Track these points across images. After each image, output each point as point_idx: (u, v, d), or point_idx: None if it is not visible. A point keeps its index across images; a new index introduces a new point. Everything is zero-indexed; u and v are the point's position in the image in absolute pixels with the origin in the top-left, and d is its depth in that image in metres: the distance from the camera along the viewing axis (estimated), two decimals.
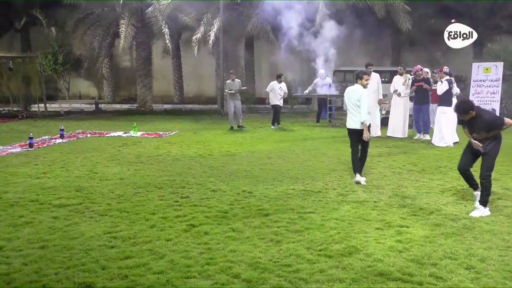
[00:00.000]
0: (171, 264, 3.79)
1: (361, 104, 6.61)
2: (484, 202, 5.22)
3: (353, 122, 6.77)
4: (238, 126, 13.30)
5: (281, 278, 3.55)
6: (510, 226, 4.76)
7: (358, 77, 6.80)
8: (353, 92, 6.80)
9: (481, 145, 5.30)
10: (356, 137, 6.78)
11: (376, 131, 11.75)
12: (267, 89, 14.05)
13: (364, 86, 6.78)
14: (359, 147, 6.83)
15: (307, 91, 15.14)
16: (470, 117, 5.21)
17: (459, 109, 5.28)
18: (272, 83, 13.87)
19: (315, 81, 15.15)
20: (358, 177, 6.65)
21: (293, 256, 3.96)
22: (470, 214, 5.14)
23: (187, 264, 3.79)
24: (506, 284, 3.48)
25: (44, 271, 3.65)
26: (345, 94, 7.02)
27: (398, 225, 4.76)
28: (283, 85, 13.98)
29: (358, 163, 6.78)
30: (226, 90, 13.77)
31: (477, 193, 5.41)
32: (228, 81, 13.61)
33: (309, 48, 15.64)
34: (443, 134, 10.07)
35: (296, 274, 3.61)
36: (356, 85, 6.86)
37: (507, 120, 5.18)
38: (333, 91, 15.42)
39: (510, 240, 4.35)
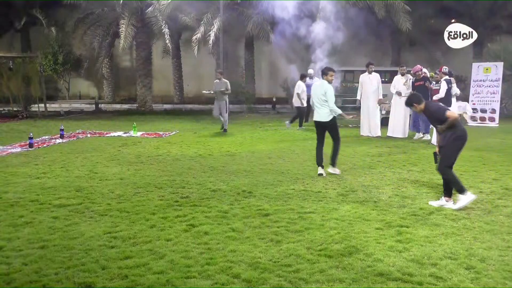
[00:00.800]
0: (171, 264, 3.79)
1: (328, 98, 7.04)
2: (459, 191, 5.41)
3: (318, 115, 7.22)
4: (222, 129, 12.60)
5: (281, 278, 3.55)
6: (510, 226, 4.76)
7: (324, 73, 7.23)
8: (319, 88, 7.20)
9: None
10: (322, 129, 7.30)
11: (376, 131, 11.75)
12: (298, 91, 13.36)
13: (329, 82, 7.17)
14: (331, 139, 7.29)
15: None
16: (420, 110, 5.70)
17: (406, 102, 5.92)
18: (300, 83, 13.46)
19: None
20: (320, 170, 7.18)
21: (293, 256, 3.96)
22: (453, 208, 5.33)
23: (187, 264, 3.79)
24: (506, 284, 3.48)
25: (44, 271, 3.65)
26: (311, 90, 7.42)
27: (398, 225, 4.76)
28: None
29: (322, 156, 7.25)
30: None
31: (443, 200, 5.57)
32: (215, 81, 13.01)
33: (308, 47, 15.66)
34: None
35: (296, 274, 3.61)
36: (322, 80, 7.29)
37: (448, 113, 5.47)
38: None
39: (510, 240, 4.35)
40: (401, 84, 11.60)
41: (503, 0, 19.64)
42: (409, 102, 5.77)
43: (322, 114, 7.14)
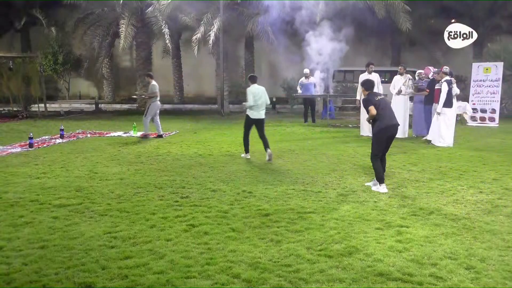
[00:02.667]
0: (171, 264, 3.79)
1: (267, 99, 8.71)
2: (378, 180, 6.20)
3: (259, 114, 8.61)
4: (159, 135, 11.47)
5: (281, 278, 3.55)
6: (510, 226, 4.76)
7: (255, 80, 8.73)
8: (263, 92, 8.63)
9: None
10: (257, 124, 8.65)
11: None
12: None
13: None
14: (258, 132, 8.67)
15: (299, 92, 15.21)
16: (363, 95, 6.49)
17: (361, 82, 6.81)
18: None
19: (300, 81, 15.23)
20: (247, 155, 8.75)
21: (293, 256, 3.96)
22: (372, 187, 6.19)
23: (187, 264, 3.79)
24: (506, 284, 3.48)
25: (44, 271, 3.65)
26: (256, 93, 8.54)
27: (398, 225, 4.77)
28: None
29: (248, 144, 8.77)
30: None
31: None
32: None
33: (309, 47, 15.67)
34: (443, 135, 10.07)
35: (296, 274, 3.61)
36: (259, 86, 8.69)
37: (370, 107, 6.16)
38: (323, 91, 15.57)
39: (510, 240, 4.35)
40: (401, 83, 11.60)
41: (503, 0, 19.64)
42: (361, 83, 6.69)
43: (263, 113, 8.66)
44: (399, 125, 6.55)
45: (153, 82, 11.68)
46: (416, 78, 11.93)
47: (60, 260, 3.87)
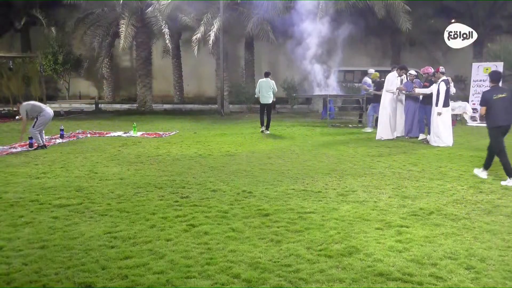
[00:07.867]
0: (171, 264, 3.79)
1: (274, 88, 12.41)
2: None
3: (265, 99, 12.35)
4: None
5: (281, 278, 3.55)
6: (510, 226, 4.76)
7: (269, 74, 12.54)
8: (267, 82, 12.32)
9: None
10: (265, 107, 12.45)
11: (397, 132, 11.67)
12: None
13: (271, 79, 12.46)
14: (267, 113, 12.37)
15: None
16: None
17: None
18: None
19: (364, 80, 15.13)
20: (263, 128, 12.43)
21: (293, 256, 3.96)
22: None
23: (187, 264, 3.79)
24: (506, 284, 3.48)
25: (44, 271, 3.65)
26: (260, 84, 12.39)
27: (398, 225, 4.76)
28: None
29: (263, 121, 12.47)
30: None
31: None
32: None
33: (309, 47, 15.67)
34: (440, 134, 10.07)
35: (296, 274, 3.61)
36: (267, 79, 12.35)
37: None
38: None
39: (510, 240, 4.35)
40: (398, 82, 11.59)
41: (503, 0, 19.65)
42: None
43: (268, 98, 12.29)
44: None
45: (22, 104, 9.99)
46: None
47: (60, 260, 3.87)
